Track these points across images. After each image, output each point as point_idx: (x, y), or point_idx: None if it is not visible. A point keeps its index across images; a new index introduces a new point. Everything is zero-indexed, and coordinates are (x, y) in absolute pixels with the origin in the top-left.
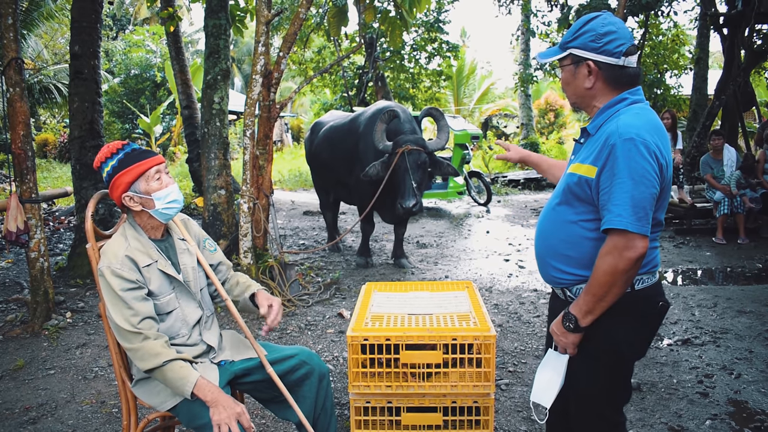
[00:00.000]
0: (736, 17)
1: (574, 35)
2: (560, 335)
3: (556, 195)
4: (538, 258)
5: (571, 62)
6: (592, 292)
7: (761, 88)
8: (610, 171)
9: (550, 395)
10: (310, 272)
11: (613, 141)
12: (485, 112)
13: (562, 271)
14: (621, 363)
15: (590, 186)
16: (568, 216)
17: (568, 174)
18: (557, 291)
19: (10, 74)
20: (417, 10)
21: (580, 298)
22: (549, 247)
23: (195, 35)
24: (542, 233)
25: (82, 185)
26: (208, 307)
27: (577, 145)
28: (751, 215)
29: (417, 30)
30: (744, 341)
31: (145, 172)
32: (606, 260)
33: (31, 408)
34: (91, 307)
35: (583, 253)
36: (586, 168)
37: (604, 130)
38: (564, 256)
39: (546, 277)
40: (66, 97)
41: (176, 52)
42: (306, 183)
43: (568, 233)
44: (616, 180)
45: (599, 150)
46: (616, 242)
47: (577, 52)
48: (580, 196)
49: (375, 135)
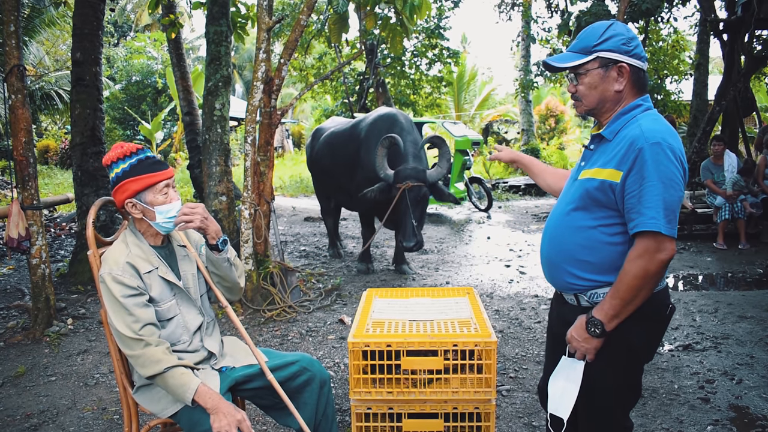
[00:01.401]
0: (735, 23)
1: (600, 39)
2: (581, 341)
3: (570, 201)
4: (548, 265)
5: (599, 65)
6: (620, 297)
7: (761, 93)
8: (638, 174)
9: (567, 405)
10: (311, 278)
11: (640, 145)
12: (486, 118)
13: (578, 277)
14: (637, 365)
15: (614, 190)
16: (585, 221)
17: (585, 180)
18: (567, 297)
19: (12, 81)
20: (417, 17)
21: (605, 303)
22: (564, 252)
23: (196, 42)
24: (554, 239)
25: (83, 192)
26: (208, 314)
27: (587, 152)
28: (752, 220)
29: (418, 36)
30: (745, 347)
31: (154, 184)
32: (637, 264)
33: (32, 415)
34: (93, 313)
35: (603, 259)
36: (609, 172)
37: (625, 135)
38: (581, 261)
39: (559, 283)
40: (67, 104)
41: (177, 59)
42: (307, 189)
43: (586, 239)
44: (646, 183)
45: (623, 154)
46: (647, 245)
47: (608, 55)
48: (600, 201)
49: (376, 161)
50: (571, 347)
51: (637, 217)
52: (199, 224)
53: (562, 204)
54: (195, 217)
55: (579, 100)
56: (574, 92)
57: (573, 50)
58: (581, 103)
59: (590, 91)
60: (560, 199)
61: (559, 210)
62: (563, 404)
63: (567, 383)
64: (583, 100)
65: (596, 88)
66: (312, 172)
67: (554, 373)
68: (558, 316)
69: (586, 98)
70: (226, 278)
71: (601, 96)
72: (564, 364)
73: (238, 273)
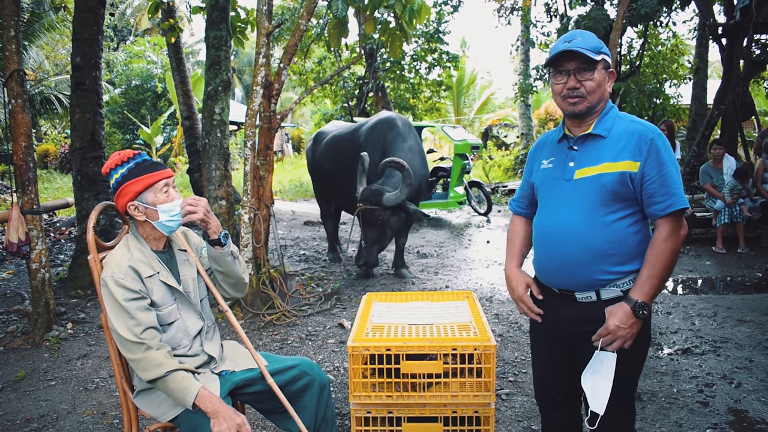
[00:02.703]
0: (734, 27)
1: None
2: (628, 328)
3: (582, 200)
4: (566, 266)
5: (602, 66)
6: (659, 276)
7: (760, 97)
8: (656, 161)
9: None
10: (311, 282)
11: (651, 136)
12: (485, 122)
13: (608, 272)
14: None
15: (633, 180)
16: (605, 217)
17: (598, 175)
18: (582, 295)
19: (12, 86)
20: (417, 21)
21: (644, 285)
22: (592, 250)
23: (196, 46)
24: (579, 240)
25: (83, 196)
26: (208, 318)
27: (572, 152)
28: (751, 224)
29: (417, 40)
30: (744, 350)
31: (154, 184)
32: (669, 243)
33: (32, 419)
34: (92, 317)
35: (627, 249)
36: (626, 164)
37: (623, 130)
38: (610, 255)
39: (586, 282)
40: (67, 108)
41: (177, 63)
42: (307, 193)
43: (611, 233)
44: (665, 168)
45: (635, 146)
46: (675, 224)
47: (608, 59)
48: (619, 193)
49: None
50: (604, 341)
51: (668, 198)
52: (202, 216)
53: (566, 206)
54: (199, 208)
55: (583, 97)
56: (579, 87)
57: (585, 47)
58: (584, 100)
59: (597, 89)
60: (557, 203)
61: (569, 211)
62: (599, 399)
63: (600, 378)
64: (588, 96)
65: (601, 86)
66: (312, 175)
67: (586, 370)
68: (563, 317)
69: (592, 95)
70: (230, 274)
71: (602, 95)
72: (598, 360)
73: (242, 268)
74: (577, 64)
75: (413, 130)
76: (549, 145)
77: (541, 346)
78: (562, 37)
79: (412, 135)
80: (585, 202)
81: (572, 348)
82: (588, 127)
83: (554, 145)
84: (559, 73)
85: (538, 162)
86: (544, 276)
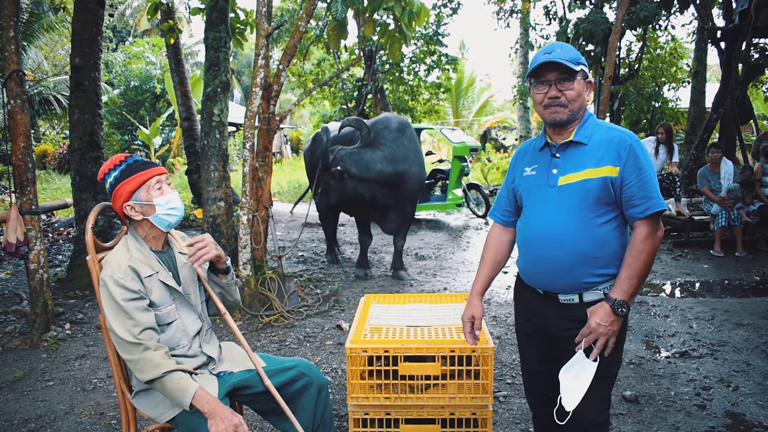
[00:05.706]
0: (733, 31)
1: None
2: (608, 326)
3: (567, 205)
4: (552, 271)
5: (581, 77)
6: (638, 275)
7: (759, 101)
8: (634, 166)
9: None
10: (309, 284)
11: (629, 142)
12: (484, 125)
13: (595, 274)
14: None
15: (613, 184)
16: (591, 221)
17: (582, 181)
18: (566, 297)
19: (11, 86)
20: (416, 24)
21: (623, 284)
22: (579, 253)
23: (195, 47)
24: (566, 244)
25: (81, 197)
26: (206, 321)
27: (554, 159)
28: (749, 228)
29: (416, 43)
30: (741, 354)
31: (146, 181)
32: (648, 243)
33: (29, 419)
34: (90, 318)
35: (611, 252)
36: (607, 169)
37: (602, 137)
38: (595, 258)
39: (572, 285)
40: (66, 109)
41: (176, 64)
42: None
43: (596, 236)
44: (643, 173)
45: (615, 152)
46: (653, 225)
47: (586, 70)
48: (602, 197)
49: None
50: (587, 341)
51: (646, 201)
52: (215, 253)
53: (552, 211)
54: (209, 247)
55: (565, 106)
56: (559, 97)
57: (565, 59)
58: (566, 109)
59: (577, 98)
60: (542, 209)
61: (556, 217)
62: (572, 398)
63: (577, 379)
64: (569, 105)
65: (580, 96)
66: (311, 176)
67: (566, 366)
68: (546, 315)
69: (573, 103)
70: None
71: (582, 104)
72: (578, 359)
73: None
74: (557, 75)
75: (410, 130)
76: (530, 153)
77: (528, 345)
78: (542, 48)
79: (405, 134)
80: (571, 208)
81: (557, 346)
82: (569, 134)
83: (536, 153)
84: (540, 83)
85: (519, 170)
86: (529, 278)
